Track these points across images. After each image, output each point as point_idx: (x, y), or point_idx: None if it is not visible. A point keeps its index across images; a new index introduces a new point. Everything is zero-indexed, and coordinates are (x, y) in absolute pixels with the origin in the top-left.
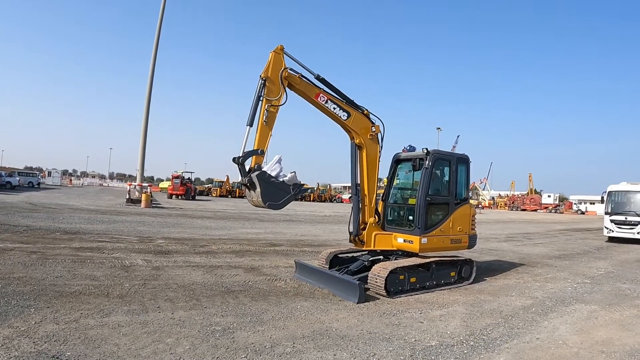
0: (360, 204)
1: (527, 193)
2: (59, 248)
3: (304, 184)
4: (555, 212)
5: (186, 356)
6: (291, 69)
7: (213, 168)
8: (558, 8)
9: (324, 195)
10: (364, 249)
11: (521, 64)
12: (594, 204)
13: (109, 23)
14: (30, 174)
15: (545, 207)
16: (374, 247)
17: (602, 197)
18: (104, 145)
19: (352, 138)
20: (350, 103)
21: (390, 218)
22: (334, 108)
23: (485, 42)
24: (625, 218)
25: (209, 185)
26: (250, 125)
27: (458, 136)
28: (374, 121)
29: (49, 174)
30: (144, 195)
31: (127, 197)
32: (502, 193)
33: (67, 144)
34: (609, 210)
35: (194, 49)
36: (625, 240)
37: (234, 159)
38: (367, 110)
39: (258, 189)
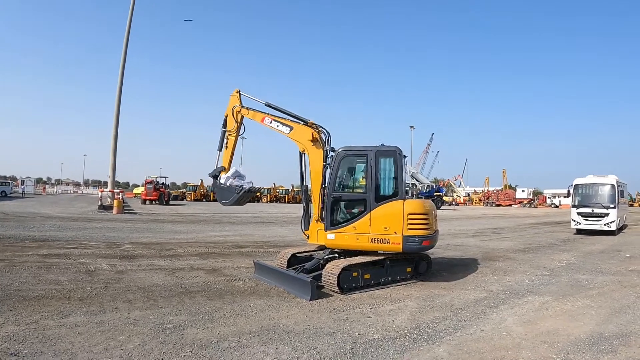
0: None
1: (502, 189)
2: (27, 255)
3: (242, 187)
4: (530, 206)
5: (135, 352)
6: (243, 105)
7: (190, 172)
8: (532, 7)
9: (299, 197)
10: (309, 242)
11: (498, 64)
12: (568, 197)
13: (78, 36)
14: (3, 183)
15: (520, 202)
16: (317, 241)
17: (569, 191)
18: (78, 151)
19: (299, 147)
20: (296, 118)
21: None
22: (277, 125)
23: (458, 43)
24: (592, 210)
25: (184, 189)
26: (220, 150)
27: (432, 134)
28: (318, 129)
29: (22, 182)
30: (115, 202)
31: (99, 203)
32: (478, 189)
33: (41, 152)
34: (576, 203)
35: (162, 59)
36: (592, 232)
37: (209, 174)
38: (311, 121)
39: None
